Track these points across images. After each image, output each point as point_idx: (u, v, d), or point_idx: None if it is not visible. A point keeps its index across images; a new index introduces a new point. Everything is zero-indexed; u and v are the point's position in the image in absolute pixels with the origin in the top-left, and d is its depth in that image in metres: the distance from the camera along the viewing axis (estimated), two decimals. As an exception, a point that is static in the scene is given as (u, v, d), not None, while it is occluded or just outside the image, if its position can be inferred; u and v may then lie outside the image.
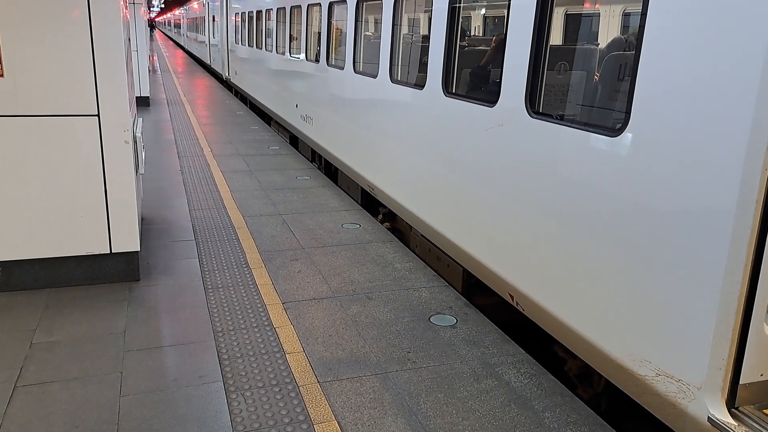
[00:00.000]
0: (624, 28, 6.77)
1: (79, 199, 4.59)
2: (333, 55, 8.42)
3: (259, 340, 4.14)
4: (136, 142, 4.86)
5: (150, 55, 20.20)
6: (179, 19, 51.45)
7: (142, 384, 3.59)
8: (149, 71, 15.77)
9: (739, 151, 2.61)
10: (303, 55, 9.94)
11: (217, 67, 22.83)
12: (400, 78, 6.31)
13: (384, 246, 6.00)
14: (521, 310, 4.27)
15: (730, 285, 2.73)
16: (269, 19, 12.61)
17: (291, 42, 10.77)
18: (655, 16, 3.01)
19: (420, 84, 5.59)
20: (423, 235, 5.87)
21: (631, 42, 4.04)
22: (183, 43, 47.05)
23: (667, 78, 2.94)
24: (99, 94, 4.44)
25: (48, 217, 4.56)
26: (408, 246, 6.28)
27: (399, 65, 6.41)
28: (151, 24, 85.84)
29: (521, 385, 3.74)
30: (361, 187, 7.59)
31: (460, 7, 4.98)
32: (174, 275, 5.11)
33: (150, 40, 29.22)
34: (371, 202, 7.54)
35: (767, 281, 2.75)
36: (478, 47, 5.77)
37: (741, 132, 2.60)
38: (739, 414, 2.87)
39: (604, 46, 5.33)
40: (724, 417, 2.84)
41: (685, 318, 2.92)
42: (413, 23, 7.49)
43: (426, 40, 5.71)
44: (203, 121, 13.30)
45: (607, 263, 3.38)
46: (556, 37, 6.13)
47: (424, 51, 5.93)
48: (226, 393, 3.53)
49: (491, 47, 5.13)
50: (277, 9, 11.66)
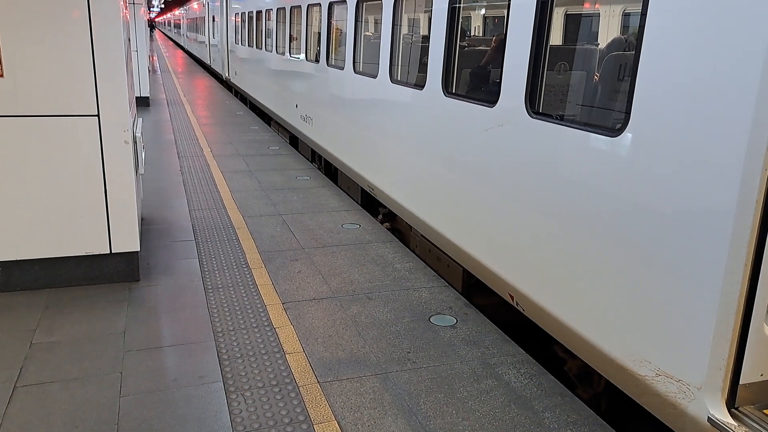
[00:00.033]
0: (624, 28, 6.77)
1: (79, 200, 4.59)
2: (333, 56, 8.42)
3: (259, 340, 4.14)
4: (136, 142, 4.86)
5: (150, 56, 20.20)
6: (179, 20, 51.46)
7: (142, 384, 3.59)
8: (149, 71, 15.77)
9: (739, 151, 2.61)
10: (303, 56, 9.94)
11: (217, 68, 22.84)
12: (400, 78, 6.31)
13: (384, 246, 6.00)
14: (521, 310, 4.27)
15: (730, 285, 2.73)
16: (269, 20, 12.61)
17: (291, 42, 10.77)
18: (655, 16, 3.02)
19: (420, 84, 5.59)
20: (423, 236, 5.87)
21: (631, 42, 4.04)
22: (183, 44, 47.05)
23: (667, 78, 2.94)
24: (99, 94, 4.44)
25: (48, 217, 4.56)
26: (408, 246, 6.28)
27: (399, 65, 6.41)
28: (151, 24, 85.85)
29: (521, 386, 3.74)
30: (361, 188, 7.59)
31: (459, 8, 4.98)
32: (174, 275, 5.11)
33: (150, 40, 29.22)
34: (371, 202, 7.54)
35: (767, 281, 2.76)
36: (478, 47, 5.77)
37: (741, 132, 2.60)
38: (739, 414, 2.87)
39: (604, 46, 5.32)
40: (724, 417, 2.84)
41: (685, 318, 2.92)
42: (413, 23, 7.49)
43: (426, 40, 5.71)
44: (203, 122, 13.30)
45: (607, 263, 3.38)
46: (556, 38, 6.12)
47: (424, 51, 5.93)
48: (226, 393, 3.53)
49: (491, 47, 5.13)
50: (277, 9, 11.66)
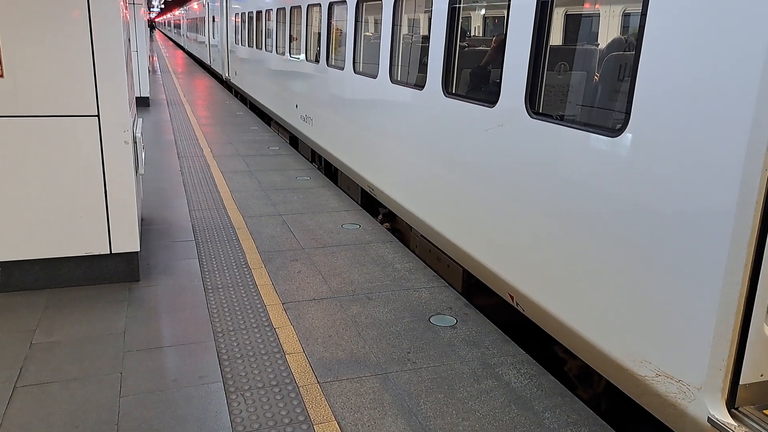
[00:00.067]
0: (624, 28, 6.77)
1: (79, 200, 4.59)
2: (333, 56, 8.42)
3: (259, 340, 4.14)
4: (135, 142, 4.86)
5: (150, 56, 20.20)
6: (179, 20, 51.47)
7: (141, 384, 3.59)
8: (149, 72, 15.77)
9: (739, 152, 2.61)
10: (303, 56, 9.94)
11: (217, 68, 22.84)
12: (400, 78, 6.31)
13: (384, 246, 6.00)
14: (521, 310, 4.27)
15: (730, 285, 2.73)
16: (269, 20, 12.61)
17: (291, 42, 10.77)
18: (655, 16, 3.02)
19: (420, 84, 5.59)
20: (423, 236, 5.87)
21: (631, 42, 4.04)
22: (183, 44, 47.06)
23: (667, 78, 2.94)
24: (99, 94, 4.44)
25: (48, 218, 4.56)
26: (408, 246, 6.28)
27: (399, 66, 6.41)
28: (151, 24, 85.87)
29: (521, 386, 3.74)
30: (361, 188, 7.58)
31: (459, 8, 4.98)
32: (174, 276, 5.11)
33: (150, 40, 29.22)
34: (371, 202, 7.54)
35: (767, 281, 2.76)
36: (478, 47, 5.77)
37: (741, 132, 2.60)
38: (739, 414, 2.87)
39: (604, 46, 5.32)
40: (724, 417, 2.84)
41: (685, 318, 2.92)
42: (413, 24, 7.49)
43: (426, 40, 5.71)
44: (203, 122, 13.30)
45: (608, 264, 3.38)
46: (556, 38, 6.12)
47: (424, 51, 5.93)
48: (225, 393, 3.53)
49: (491, 47, 5.13)
50: (277, 9, 11.67)
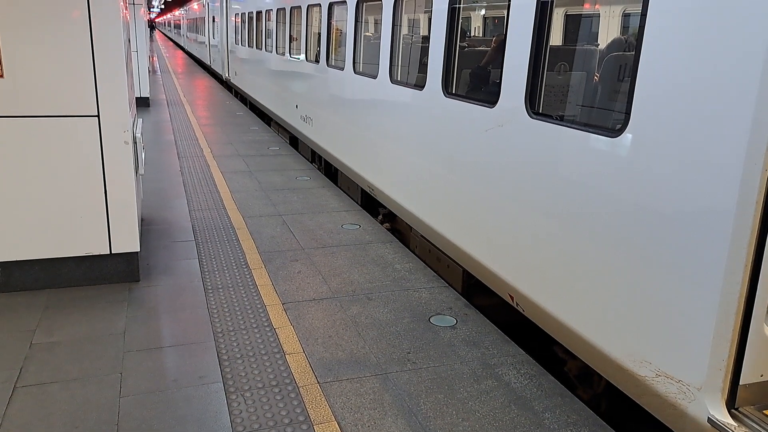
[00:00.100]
0: (624, 28, 6.77)
1: (79, 200, 4.59)
2: (333, 56, 8.42)
3: (259, 340, 4.14)
4: (135, 142, 4.86)
5: (150, 56, 20.21)
6: (179, 20, 51.49)
7: (141, 385, 3.58)
8: (149, 72, 15.78)
9: (739, 151, 2.61)
10: (303, 56, 9.94)
11: (217, 68, 22.84)
12: (400, 78, 6.31)
13: (384, 247, 5.99)
14: (521, 310, 4.27)
15: (730, 285, 2.73)
16: (269, 20, 12.61)
17: (291, 43, 10.77)
18: (655, 16, 3.01)
19: (420, 84, 5.59)
20: (423, 236, 5.87)
21: (631, 42, 4.04)
22: (183, 44, 47.08)
23: (667, 78, 2.94)
24: (99, 94, 4.44)
25: (48, 218, 4.56)
26: (408, 247, 6.28)
27: (399, 66, 6.41)
28: (151, 25, 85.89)
29: (521, 386, 3.74)
30: (361, 188, 7.58)
31: (459, 8, 4.98)
32: (174, 276, 5.11)
33: (150, 40, 29.22)
34: (371, 202, 7.54)
35: (767, 281, 2.76)
36: (478, 48, 5.77)
37: (741, 132, 2.60)
38: (739, 415, 2.87)
39: (604, 46, 5.32)
40: (724, 418, 2.83)
41: (685, 318, 2.92)
42: (413, 24, 7.49)
43: (426, 40, 5.71)
44: (203, 122, 13.31)
45: (608, 264, 3.38)
46: (556, 38, 6.13)
47: (424, 52, 5.93)
48: (225, 394, 3.53)
49: (491, 48, 5.13)
50: (277, 10, 11.67)
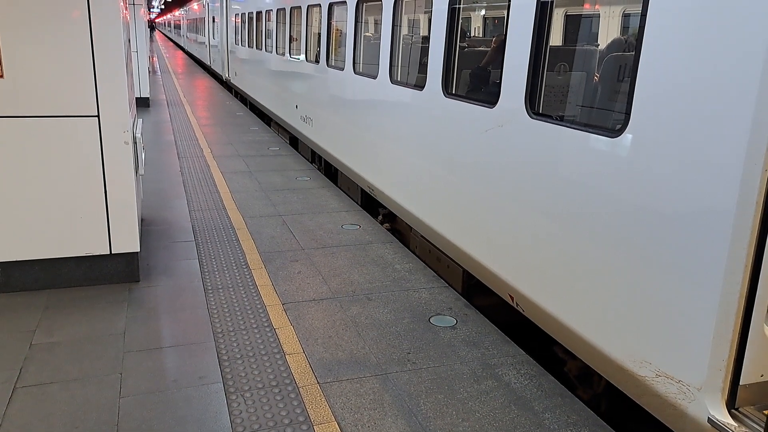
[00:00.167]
0: (624, 29, 6.77)
1: (79, 200, 4.59)
2: (333, 56, 8.42)
3: (259, 341, 4.14)
4: (135, 142, 4.86)
5: (150, 56, 20.21)
6: (179, 20, 51.49)
7: (141, 385, 3.58)
8: (149, 72, 15.78)
9: (739, 152, 2.61)
10: (303, 56, 9.94)
11: (217, 68, 22.85)
12: (399, 79, 6.31)
13: (384, 247, 5.99)
14: (521, 311, 4.27)
15: (730, 285, 2.73)
16: (269, 20, 12.62)
17: (291, 43, 10.77)
18: (655, 16, 3.01)
19: (420, 85, 5.59)
20: (423, 236, 5.86)
21: (631, 43, 4.04)
22: (183, 44, 47.07)
23: (667, 78, 2.94)
24: (99, 94, 4.44)
25: (48, 218, 4.56)
26: (408, 247, 6.27)
27: (399, 66, 6.41)
28: (151, 25, 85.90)
29: (521, 386, 3.74)
30: (361, 188, 7.58)
31: (459, 8, 4.98)
32: (174, 276, 5.11)
33: (150, 41, 29.22)
34: (371, 203, 7.54)
35: (767, 281, 2.75)
36: (477, 48, 5.77)
37: (741, 132, 2.60)
38: (740, 415, 2.86)
39: (603, 46, 5.32)
40: (724, 418, 2.83)
41: (685, 319, 2.92)
42: (413, 24, 7.49)
43: (426, 41, 5.71)
44: (203, 122, 13.31)
45: (608, 264, 3.38)
46: (556, 38, 6.13)
47: (423, 52, 5.93)
48: (225, 394, 3.53)
49: (491, 48, 5.14)
50: (277, 10, 11.67)
